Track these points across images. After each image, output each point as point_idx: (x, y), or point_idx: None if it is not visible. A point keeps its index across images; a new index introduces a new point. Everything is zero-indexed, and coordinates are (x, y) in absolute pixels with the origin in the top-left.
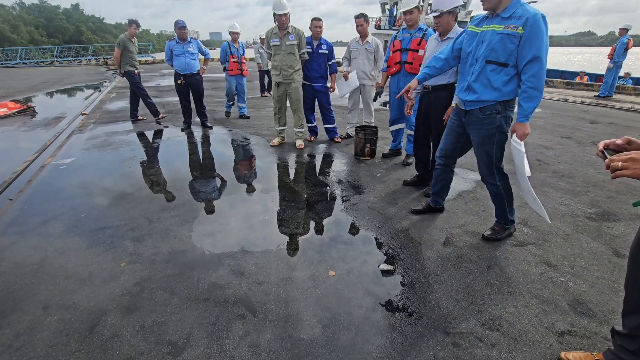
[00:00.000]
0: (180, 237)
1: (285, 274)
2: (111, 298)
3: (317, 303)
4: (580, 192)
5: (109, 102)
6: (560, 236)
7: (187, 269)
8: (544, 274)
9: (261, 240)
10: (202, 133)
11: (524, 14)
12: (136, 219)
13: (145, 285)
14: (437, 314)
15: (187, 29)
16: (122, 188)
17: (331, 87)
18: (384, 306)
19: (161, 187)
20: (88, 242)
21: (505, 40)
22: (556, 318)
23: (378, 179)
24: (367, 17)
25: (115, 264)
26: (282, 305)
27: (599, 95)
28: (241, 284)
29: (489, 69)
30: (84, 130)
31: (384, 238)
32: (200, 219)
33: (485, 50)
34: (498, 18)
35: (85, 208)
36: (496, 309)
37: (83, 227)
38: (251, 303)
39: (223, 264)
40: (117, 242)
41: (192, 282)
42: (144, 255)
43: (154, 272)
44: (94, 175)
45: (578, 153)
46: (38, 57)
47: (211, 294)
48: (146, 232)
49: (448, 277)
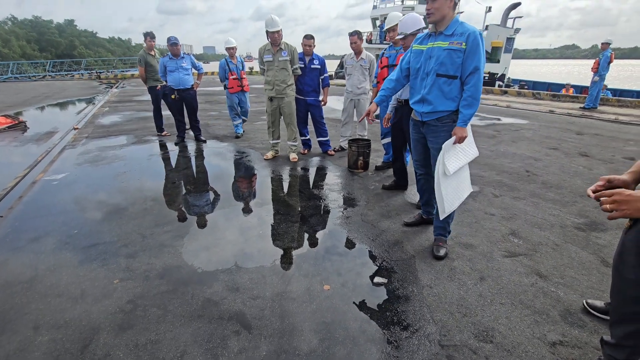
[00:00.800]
0: (174, 253)
1: (280, 289)
2: (104, 316)
3: (313, 317)
4: (568, 203)
5: (101, 116)
6: (550, 246)
7: (181, 285)
8: (535, 284)
9: (256, 255)
10: (195, 147)
11: (464, 31)
12: (129, 234)
13: (139, 303)
14: (432, 327)
15: (179, 45)
16: (115, 203)
17: (323, 100)
18: (379, 319)
19: (154, 202)
20: (80, 259)
21: (452, 55)
22: (548, 329)
23: (371, 191)
24: (360, 35)
25: (108, 281)
26: (277, 320)
27: (584, 107)
28: (236, 300)
29: (441, 81)
30: (76, 145)
31: (378, 251)
32: (194, 233)
33: (435, 64)
34: (442, 36)
35: (77, 224)
36: (489, 321)
37: (75, 244)
38: (246, 319)
39: (217, 279)
40: (109, 259)
41: (186, 299)
42: (137, 272)
43: (147, 289)
44: (87, 191)
45: (565, 164)
46: (30, 71)
47: (206, 310)
48: (139, 248)
49: (442, 290)
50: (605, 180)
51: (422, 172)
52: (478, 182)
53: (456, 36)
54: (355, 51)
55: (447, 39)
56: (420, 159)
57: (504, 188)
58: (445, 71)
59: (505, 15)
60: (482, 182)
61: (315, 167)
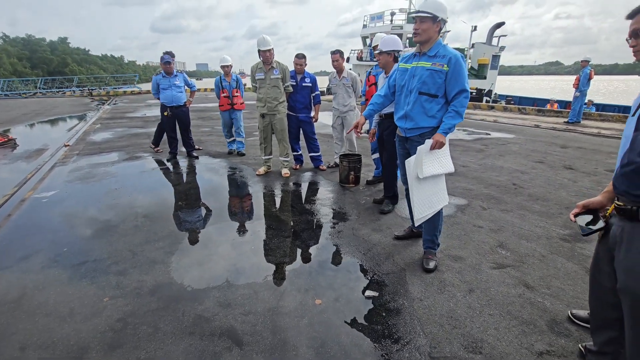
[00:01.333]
0: (165, 270)
1: (271, 304)
2: (93, 335)
3: (305, 332)
4: (554, 215)
5: (93, 133)
6: (536, 258)
7: (172, 302)
8: (523, 295)
9: (247, 270)
10: (187, 163)
11: (446, 54)
12: (120, 251)
13: (129, 321)
14: (422, 339)
15: (172, 63)
16: (105, 220)
17: (314, 117)
18: (371, 333)
19: (145, 219)
20: (69, 277)
21: (434, 75)
22: (535, 338)
23: (362, 205)
24: (342, 53)
25: (98, 299)
26: (269, 335)
27: (568, 121)
28: (227, 316)
29: (423, 99)
30: (66, 162)
31: (369, 264)
32: (185, 249)
33: (417, 83)
34: (425, 56)
35: (67, 242)
36: (478, 332)
37: (64, 262)
38: (238, 335)
39: (209, 295)
40: (99, 277)
41: (177, 316)
42: (128, 289)
43: (137, 307)
44: (77, 208)
45: (551, 177)
46: (20, 88)
47: (197, 327)
48: (130, 265)
49: (432, 302)
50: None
51: (409, 186)
52: (466, 195)
53: (438, 58)
54: (337, 69)
55: (430, 60)
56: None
57: (491, 201)
58: (427, 90)
59: (490, 34)
60: (470, 195)
61: (307, 182)
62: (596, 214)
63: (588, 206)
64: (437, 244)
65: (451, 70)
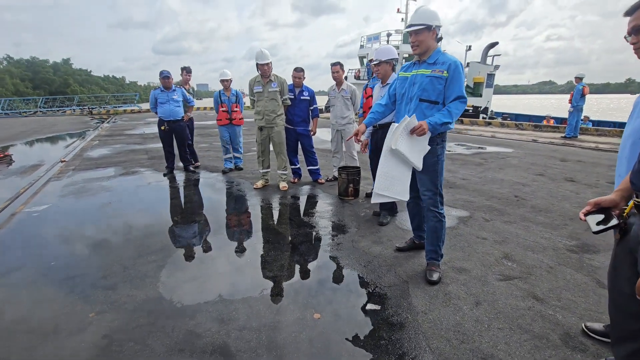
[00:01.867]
0: (156, 284)
1: (268, 319)
2: (75, 352)
3: (303, 349)
4: (559, 226)
5: (90, 149)
6: (544, 269)
7: (162, 317)
8: (532, 308)
9: (243, 284)
10: (184, 177)
11: (446, 60)
12: (110, 266)
13: (115, 337)
14: (429, 355)
15: (171, 78)
16: (97, 234)
17: (312, 130)
18: (372, 349)
19: (139, 233)
20: (55, 292)
21: (434, 82)
22: (549, 354)
23: (362, 218)
24: (342, 65)
25: (84, 315)
26: (264, 352)
27: (565, 136)
28: (220, 332)
29: (423, 106)
30: (61, 177)
31: (370, 277)
32: (179, 264)
33: (418, 90)
34: (425, 64)
35: (55, 256)
36: (488, 347)
37: (51, 277)
38: (230, 352)
39: (201, 310)
40: (87, 291)
41: (167, 332)
42: (116, 305)
43: (125, 323)
44: (68, 222)
45: (553, 189)
46: (21, 107)
47: (187, 343)
48: (120, 280)
49: (437, 315)
50: (592, 204)
51: (412, 195)
52: (468, 207)
53: (438, 65)
54: (336, 81)
55: (429, 67)
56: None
57: (494, 212)
58: (427, 97)
59: (485, 53)
60: (472, 207)
61: (306, 196)
62: (608, 212)
63: (600, 204)
64: (441, 254)
65: (450, 76)
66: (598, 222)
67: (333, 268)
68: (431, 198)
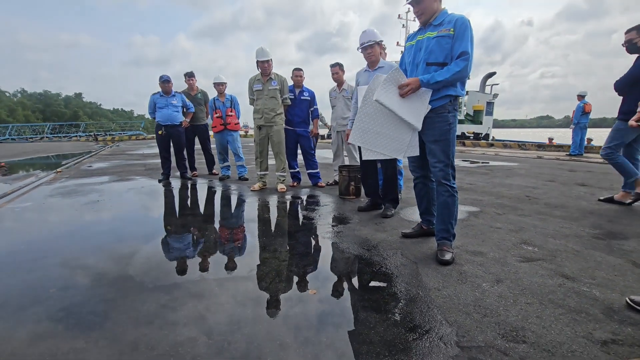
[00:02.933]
0: (128, 261)
1: (266, 294)
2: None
3: (299, 324)
4: (578, 218)
5: (89, 163)
6: (570, 252)
7: (132, 292)
8: (563, 285)
9: (236, 271)
10: (180, 184)
11: (452, 18)
12: (84, 249)
13: (74, 310)
14: (446, 327)
15: (171, 83)
16: (74, 222)
17: (312, 131)
18: (379, 322)
19: (122, 222)
20: (14, 270)
21: (441, 42)
22: (592, 327)
23: (364, 213)
24: (342, 66)
25: (44, 291)
26: (263, 322)
27: (570, 154)
28: (197, 306)
29: (432, 70)
30: (53, 182)
31: (375, 259)
32: (158, 241)
33: (424, 54)
34: (430, 27)
35: (25, 241)
36: (516, 320)
37: (18, 258)
38: (209, 327)
39: (179, 288)
40: (50, 270)
41: (135, 306)
42: (81, 283)
43: (88, 297)
44: (49, 215)
45: (566, 191)
46: (28, 133)
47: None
48: (93, 261)
49: (453, 292)
50: None
51: (419, 174)
52: (477, 204)
53: (444, 24)
54: (337, 82)
55: (435, 29)
56: (416, 159)
57: (506, 208)
58: (434, 59)
59: (483, 82)
60: (481, 204)
61: (306, 195)
62: None
63: None
64: (453, 234)
65: (456, 32)
66: None
67: (332, 252)
68: (442, 170)
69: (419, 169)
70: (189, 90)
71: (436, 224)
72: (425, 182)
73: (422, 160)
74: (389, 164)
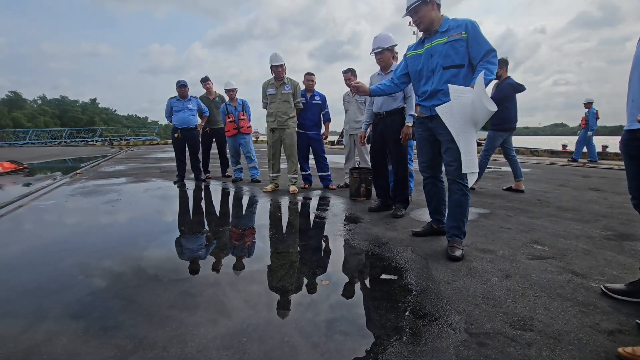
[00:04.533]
0: (146, 257)
1: (281, 284)
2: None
3: (314, 316)
4: (590, 220)
5: (106, 166)
6: (580, 252)
7: (152, 281)
8: (572, 281)
9: (252, 267)
10: (194, 186)
11: (459, 23)
12: (107, 243)
13: (101, 295)
14: (455, 316)
15: (187, 87)
16: (96, 219)
17: (324, 134)
18: (389, 310)
19: (140, 219)
20: (45, 261)
21: (455, 45)
22: (599, 318)
23: (375, 213)
24: (354, 72)
25: (72, 277)
26: (275, 310)
27: (590, 160)
28: (216, 292)
29: (449, 74)
30: (74, 183)
31: (386, 254)
32: (173, 242)
33: (439, 58)
34: (438, 34)
35: (54, 237)
36: (524, 311)
37: (45, 252)
38: (227, 308)
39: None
40: (74, 260)
41: (158, 292)
42: (105, 276)
43: (114, 284)
44: (71, 212)
45: (578, 195)
46: (47, 138)
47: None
48: (110, 254)
49: (462, 285)
50: None
51: (429, 174)
52: (488, 206)
53: (452, 29)
54: (350, 87)
55: (444, 35)
56: (427, 160)
57: (516, 210)
58: (451, 62)
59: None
60: (492, 207)
61: (317, 197)
62: None
63: None
64: (464, 232)
65: (471, 35)
66: None
67: (343, 248)
68: (458, 169)
69: (429, 168)
70: (207, 94)
71: (447, 221)
72: (435, 182)
73: (432, 160)
74: (400, 165)
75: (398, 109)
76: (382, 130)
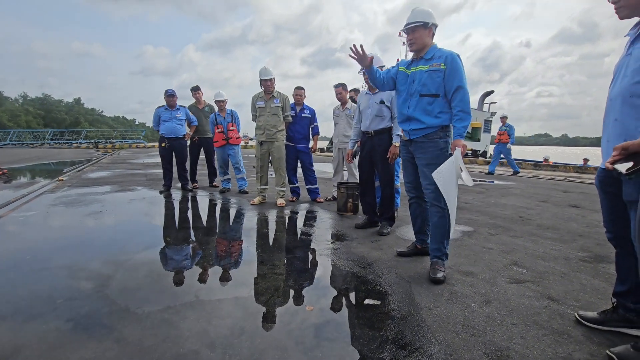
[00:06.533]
0: (123, 276)
1: (261, 310)
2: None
3: (296, 336)
4: (568, 240)
5: (90, 172)
6: (557, 275)
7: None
8: (549, 307)
9: (231, 283)
10: (181, 196)
11: (442, 54)
12: (85, 261)
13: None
14: (435, 346)
15: (175, 97)
16: (77, 233)
17: (313, 147)
18: (371, 339)
19: (123, 233)
20: (22, 277)
21: (433, 75)
22: (572, 348)
23: (361, 230)
24: (345, 86)
25: (51, 301)
26: (259, 338)
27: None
28: (199, 320)
29: (424, 101)
30: (56, 191)
31: (370, 277)
32: (156, 251)
33: (417, 86)
34: (422, 60)
35: (31, 249)
36: (502, 340)
37: (22, 266)
38: (211, 338)
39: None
40: (53, 280)
41: (141, 318)
42: (84, 293)
43: (96, 309)
44: (53, 223)
45: (558, 212)
46: (29, 139)
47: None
48: (90, 266)
49: (443, 311)
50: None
51: (413, 195)
52: (471, 224)
53: (435, 59)
54: (340, 101)
55: (427, 63)
56: (412, 180)
57: (499, 229)
58: (427, 91)
59: (481, 101)
60: (475, 224)
61: (304, 211)
62: (638, 159)
63: (628, 149)
64: (446, 254)
65: (448, 68)
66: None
67: (328, 269)
68: (434, 192)
69: (414, 189)
70: (197, 104)
71: (430, 242)
72: (420, 203)
73: (416, 180)
74: (387, 183)
75: (386, 128)
76: (370, 149)
